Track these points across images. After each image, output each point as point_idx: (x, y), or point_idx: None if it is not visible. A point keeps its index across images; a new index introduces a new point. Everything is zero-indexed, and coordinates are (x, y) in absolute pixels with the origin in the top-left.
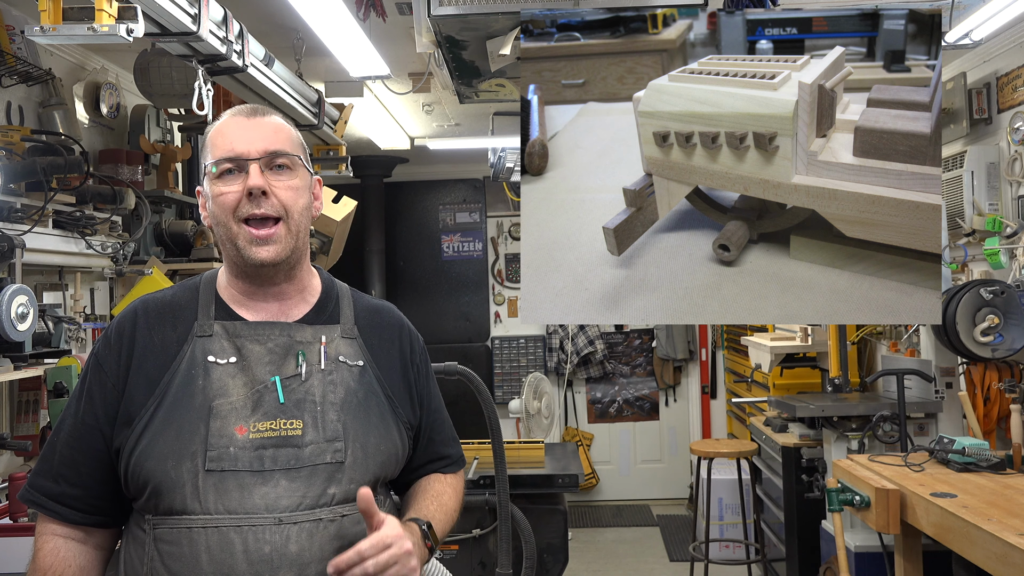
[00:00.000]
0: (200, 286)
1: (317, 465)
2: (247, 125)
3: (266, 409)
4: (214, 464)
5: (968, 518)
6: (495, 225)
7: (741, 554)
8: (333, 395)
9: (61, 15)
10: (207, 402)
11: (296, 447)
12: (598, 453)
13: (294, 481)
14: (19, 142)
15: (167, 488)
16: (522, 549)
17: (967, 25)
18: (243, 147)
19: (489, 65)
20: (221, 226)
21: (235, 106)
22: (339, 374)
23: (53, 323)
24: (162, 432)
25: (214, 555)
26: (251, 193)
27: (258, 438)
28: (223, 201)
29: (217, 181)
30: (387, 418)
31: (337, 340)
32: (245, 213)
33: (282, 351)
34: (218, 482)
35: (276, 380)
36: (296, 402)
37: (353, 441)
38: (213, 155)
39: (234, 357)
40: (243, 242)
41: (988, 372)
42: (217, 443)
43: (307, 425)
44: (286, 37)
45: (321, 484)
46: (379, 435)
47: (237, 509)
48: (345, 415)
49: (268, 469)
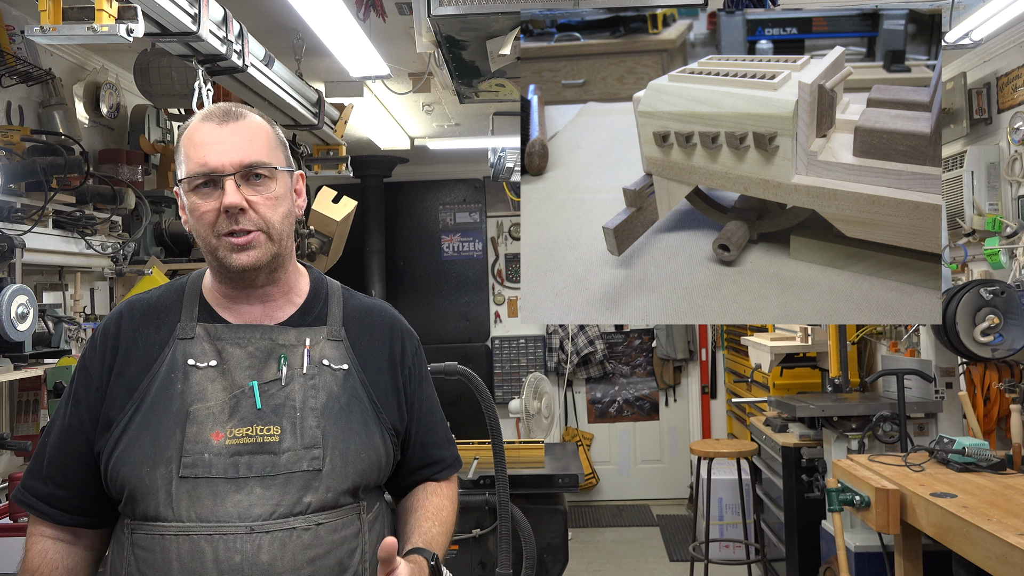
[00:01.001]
0: (186, 287)
1: (293, 473)
2: (220, 134)
3: (243, 415)
4: (188, 471)
5: (968, 518)
6: (495, 225)
7: (741, 554)
8: (314, 400)
9: (61, 15)
10: (184, 407)
11: (272, 454)
12: (598, 453)
13: (268, 489)
14: (19, 142)
15: (141, 494)
16: (522, 549)
17: (967, 25)
18: (216, 160)
19: (489, 65)
20: (201, 239)
21: (206, 107)
22: (322, 378)
23: (53, 323)
24: (139, 437)
25: (185, 563)
26: (228, 211)
27: (234, 444)
28: (201, 217)
29: (192, 194)
30: (370, 424)
31: (322, 343)
32: (224, 229)
33: (263, 355)
34: (191, 489)
35: (254, 385)
36: (275, 407)
37: (332, 448)
38: (187, 167)
39: (214, 360)
40: (223, 252)
41: (988, 372)
42: (192, 449)
43: (285, 431)
44: (286, 37)
45: (296, 492)
46: (360, 442)
47: (209, 517)
48: (325, 421)
49: (243, 476)
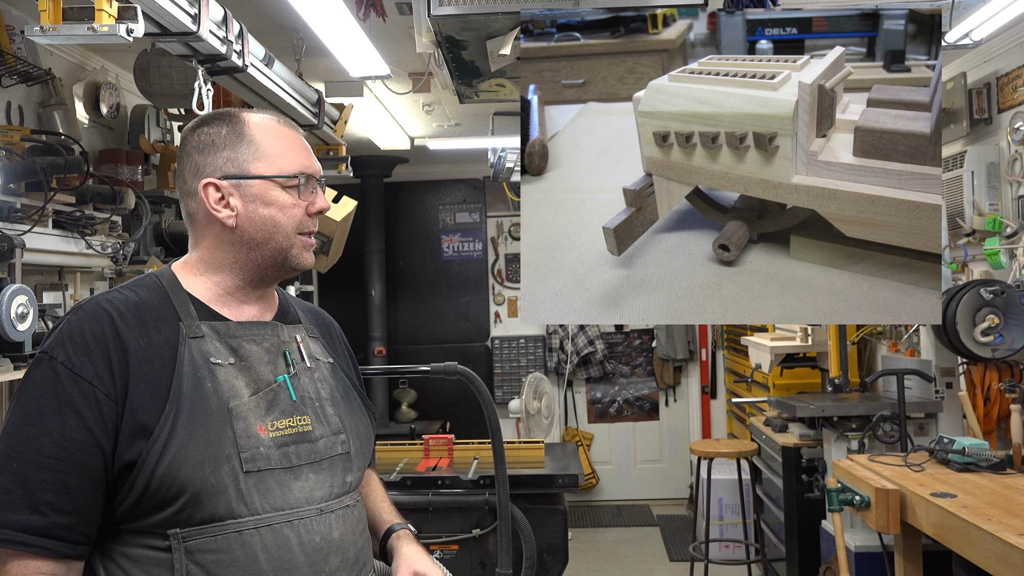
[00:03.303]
0: (164, 287)
1: (333, 457)
2: (301, 140)
3: (282, 407)
4: (250, 465)
5: (968, 518)
6: (495, 225)
7: (741, 554)
8: (324, 391)
9: (61, 15)
10: (223, 404)
11: (311, 442)
12: (598, 453)
13: (319, 473)
14: (19, 142)
15: (208, 495)
16: (522, 549)
17: (967, 25)
18: (314, 165)
19: (489, 65)
20: (279, 234)
21: (268, 111)
22: (320, 371)
23: (53, 323)
24: (190, 439)
25: (272, 553)
26: (320, 213)
27: (279, 436)
28: (294, 214)
29: (284, 191)
30: (363, 408)
31: (306, 339)
32: (307, 228)
33: (275, 350)
34: (258, 482)
35: (285, 379)
36: (301, 399)
37: (351, 432)
38: (282, 164)
39: (232, 358)
40: (297, 250)
41: (988, 372)
42: (247, 444)
43: (313, 420)
44: (286, 37)
45: (340, 473)
46: (364, 425)
47: (283, 505)
48: (338, 409)
49: (296, 465)
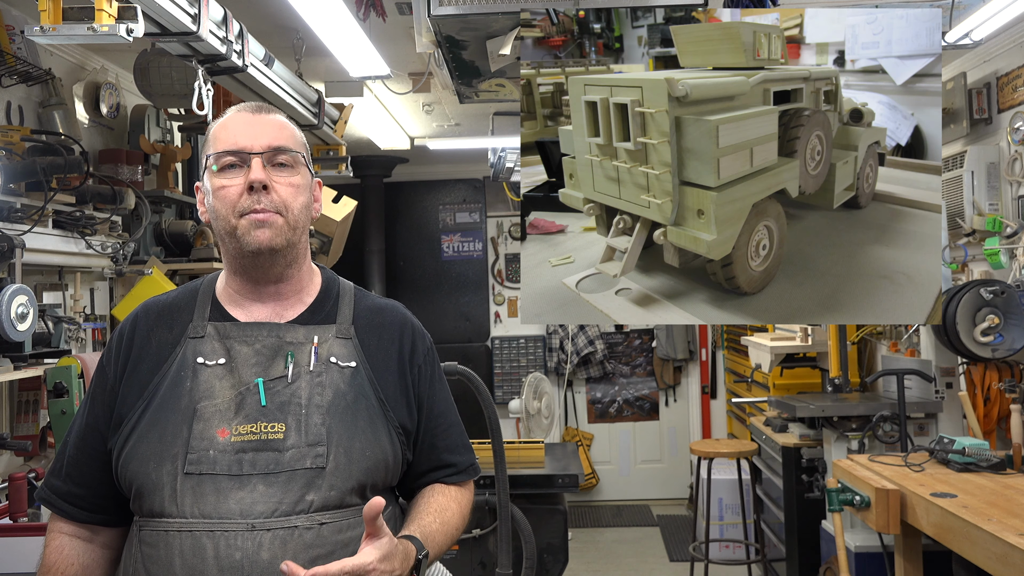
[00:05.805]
0: (200, 288)
1: (296, 470)
2: (251, 121)
3: (248, 412)
4: (193, 467)
5: (968, 518)
6: (495, 225)
7: (741, 554)
8: (320, 397)
9: (61, 15)
10: (192, 404)
11: (276, 451)
12: (598, 453)
13: (271, 486)
14: (19, 142)
15: (148, 490)
16: (522, 549)
17: (967, 25)
18: (246, 141)
19: (489, 65)
20: (221, 220)
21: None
22: (329, 376)
23: (53, 323)
24: (147, 434)
25: (186, 560)
26: (252, 187)
27: (239, 441)
28: (224, 195)
29: (218, 175)
30: (376, 422)
31: (331, 340)
32: (245, 208)
33: (270, 352)
34: (195, 485)
35: (259, 382)
36: (280, 405)
37: (336, 446)
38: (215, 148)
39: (223, 359)
40: (242, 230)
41: (988, 372)
42: (197, 446)
43: (290, 428)
44: (286, 37)
45: (299, 490)
46: (366, 440)
47: (211, 514)
48: (331, 419)
49: (246, 473)
